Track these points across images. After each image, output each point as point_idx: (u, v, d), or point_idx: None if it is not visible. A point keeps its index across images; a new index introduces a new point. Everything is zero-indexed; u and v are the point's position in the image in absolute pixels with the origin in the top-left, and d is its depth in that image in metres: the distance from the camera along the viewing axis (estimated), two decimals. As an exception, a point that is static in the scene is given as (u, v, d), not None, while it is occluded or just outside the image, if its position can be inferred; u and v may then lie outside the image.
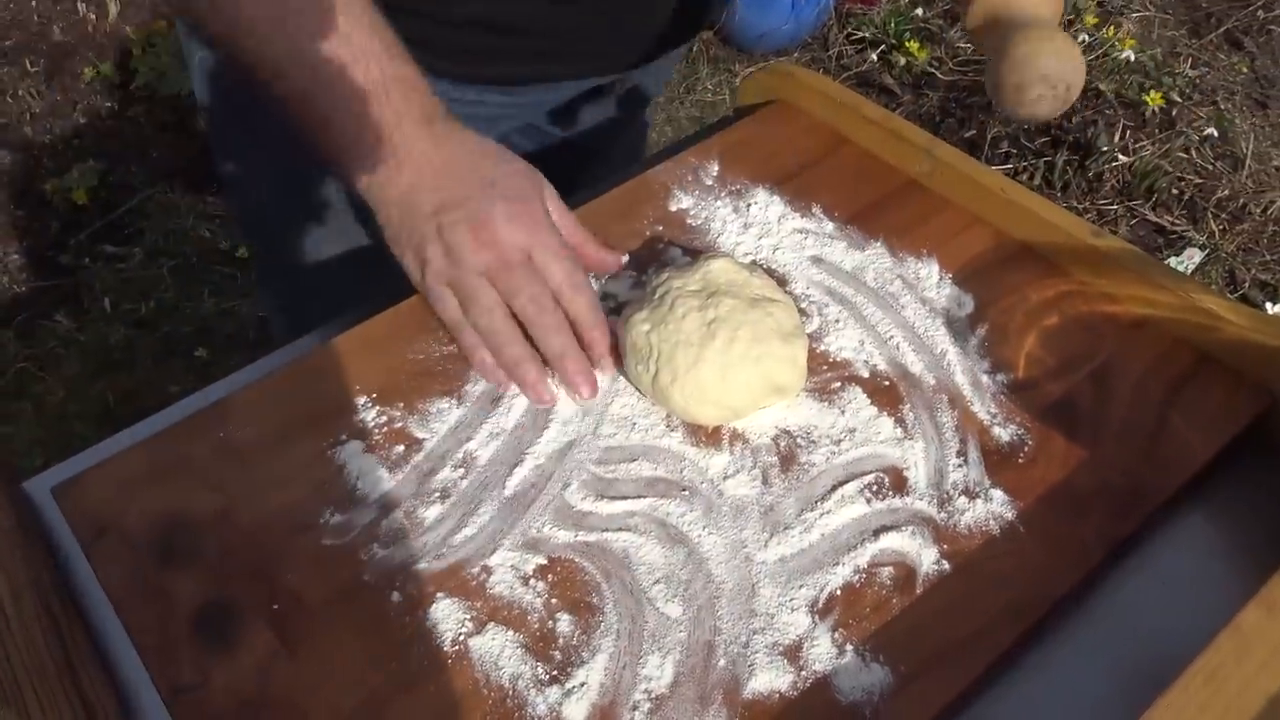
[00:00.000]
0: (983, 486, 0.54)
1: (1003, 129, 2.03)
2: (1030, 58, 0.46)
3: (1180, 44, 2.28)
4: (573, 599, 0.50)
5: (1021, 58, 0.46)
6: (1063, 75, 0.45)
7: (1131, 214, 1.89)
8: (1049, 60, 0.45)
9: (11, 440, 1.65)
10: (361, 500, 0.54)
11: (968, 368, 0.60)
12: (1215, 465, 0.56)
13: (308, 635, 0.49)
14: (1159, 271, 0.61)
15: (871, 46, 2.30)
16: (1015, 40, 0.47)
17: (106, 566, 0.52)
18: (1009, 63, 0.46)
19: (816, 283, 0.65)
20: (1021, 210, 0.66)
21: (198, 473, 0.56)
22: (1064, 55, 0.46)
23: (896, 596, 0.50)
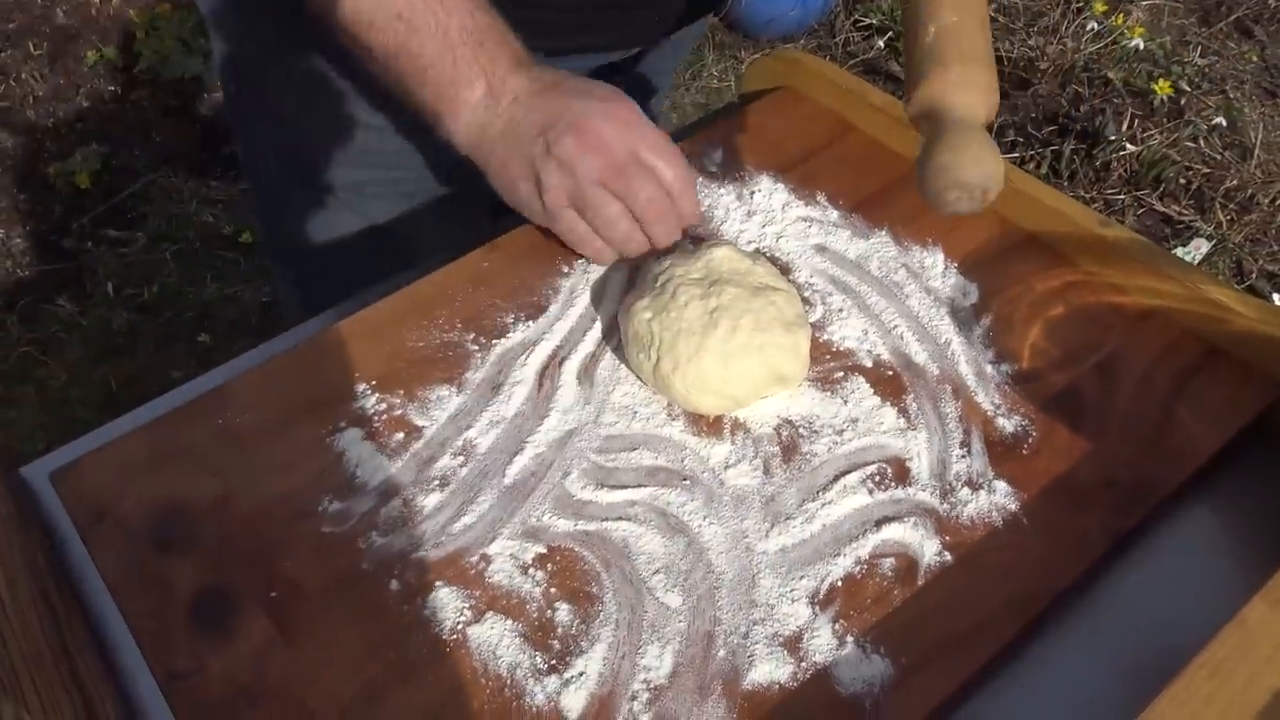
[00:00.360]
0: (986, 478, 0.54)
1: (1009, 117, 2.02)
2: (949, 167, 0.47)
3: (1190, 32, 2.27)
4: (572, 588, 0.50)
5: (941, 165, 0.47)
6: (980, 182, 0.47)
7: (1139, 203, 1.88)
8: (967, 170, 0.47)
9: (14, 425, 1.65)
10: (360, 488, 0.54)
11: (972, 358, 0.60)
12: (1221, 458, 0.56)
13: (305, 623, 0.49)
14: (1167, 262, 0.61)
15: (879, 33, 2.29)
16: (939, 147, 0.48)
17: (104, 552, 0.52)
18: (931, 168, 0.48)
19: (820, 271, 0.64)
20: (1028, 199, 0.65)
21: (197, 459, 0.55)
22: (981, 163, 0.47)
23: (898, 588, 0.50)
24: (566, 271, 0.65)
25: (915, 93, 0.51)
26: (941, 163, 0.48)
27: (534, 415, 0.57)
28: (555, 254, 0.66)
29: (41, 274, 1.90)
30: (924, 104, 0.50)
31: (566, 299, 0.63)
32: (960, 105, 0.49)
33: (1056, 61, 2.04)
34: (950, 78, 0.49)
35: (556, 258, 0.65)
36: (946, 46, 0.50)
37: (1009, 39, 2.12)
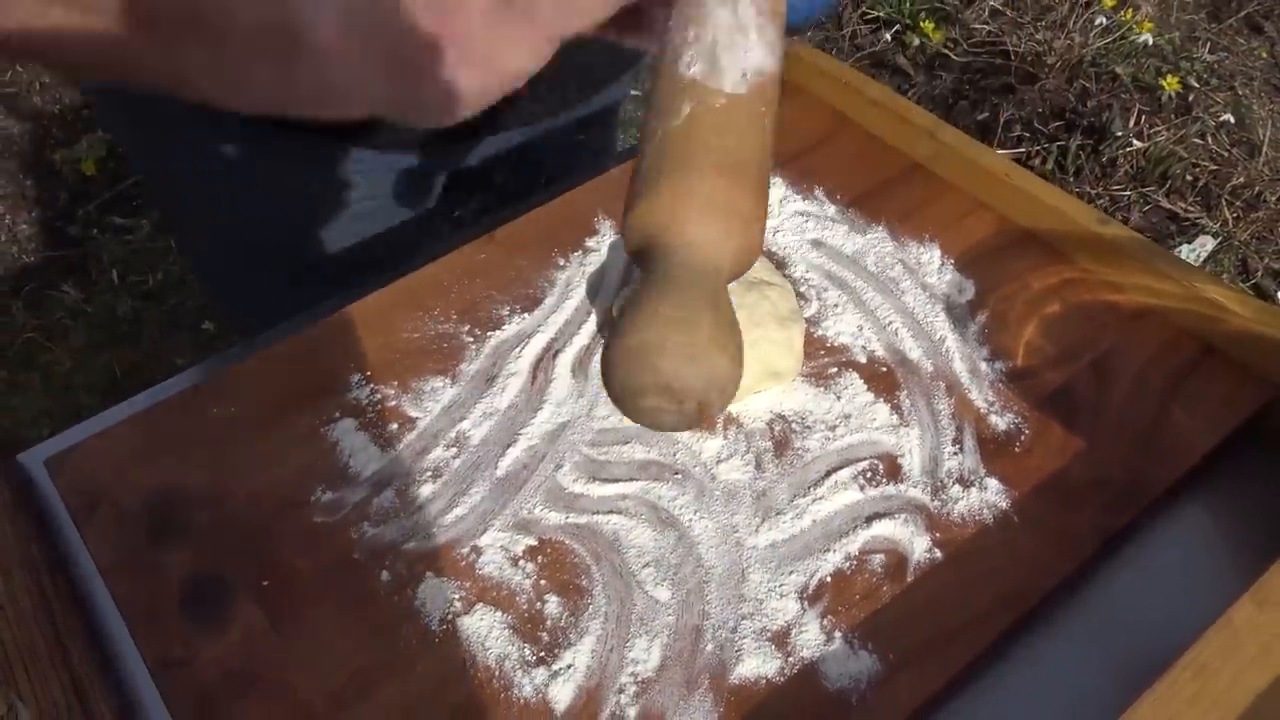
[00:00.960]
0: (977, 475, 0.54)
1: (1016, 112, 2.01)
2: (644, 351, 0.29)
3: (1199, 28, 2.25)
4: (562, 581, 0.50)
5: (638, 348, 0.29)
6: (697, 388, 0.29)
7: (1144, 200, 1.87)
8: (675, 364, 0.28)
9: (18, 410, 1.66)
10: (353, 478, 0.54)
11: (966, 354, 0.59)
12: (1216, 457, 0.56)
13: (296, 612, 0.49)
14: (1165, 260, 0.60)
15: (886, 26, 2.28)
16: (637, 317, 0.30)
17: (98, 540, 0.52)
18: (621, 348, 0.30)
19: (816, 266, 0.64)
20: (1026, 195, 0.65)
21: (191, 448, 0.56)
22: (704, 358, 0.29)
23: (887, 584, 0.50)
24: (562, 264, 0.65)
25: (629, 213, 0.33)
26: (638, 344, 0.29)
27: (527, 408, 0.57)
28: (552, 246, 0.66)
29: (47, 260, 1.91)
30: (639, 235, 0.33)
31: (562, 291, 0.63)
32: (690, 244, 0.32)
33: (1064, 56, 2.03)
34: (679, 192, 0.32)
35: (553, 250, 0.65)
36: (689, 142, 0.33)
37: (1016, 33, 2.11)
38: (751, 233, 0.33)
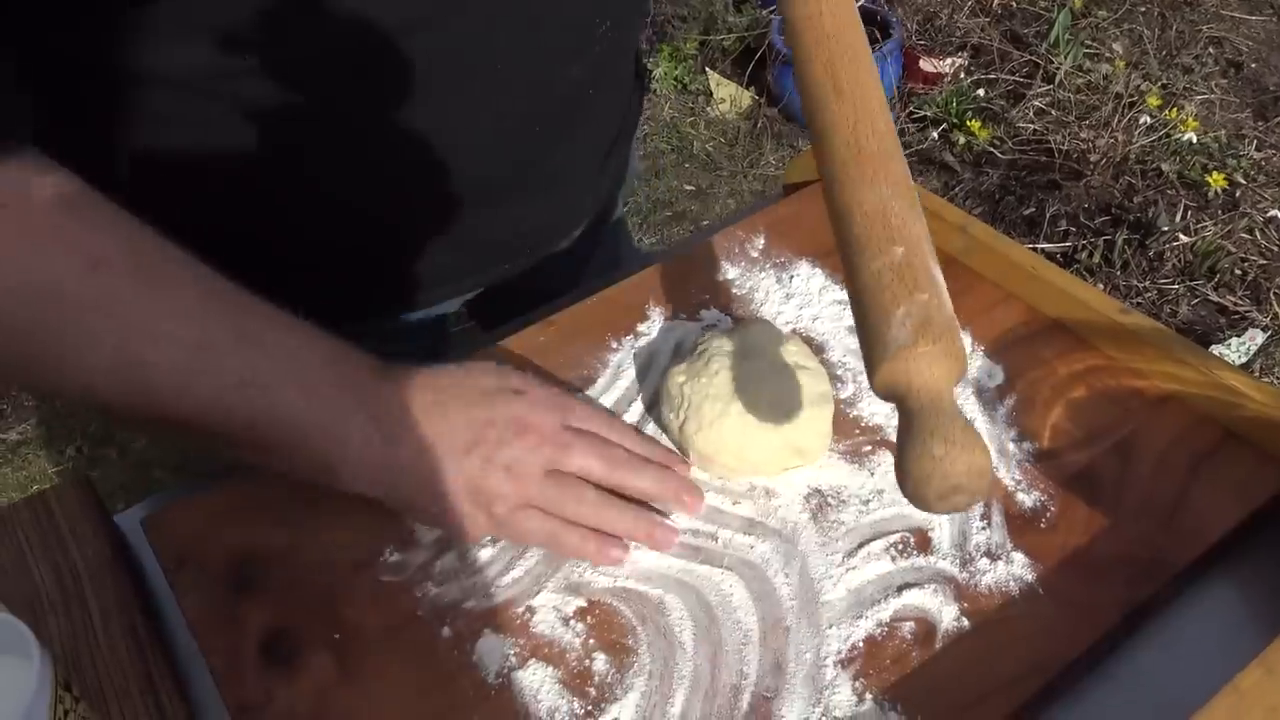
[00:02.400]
0: (1004, 549, 0.57)
1: (1062, 207, 2.05)
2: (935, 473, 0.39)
3: (1245, 125, 2.29)
4: (609, 640, 0.54)
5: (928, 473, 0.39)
6: (972, 480, 0.39)
7: (1193, 293, 1.89)
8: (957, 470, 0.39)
9: (97, 484, 1.73)
10: (419, 541, 0.59)
11: (995, 435, 0.63)
12: (1236, 536, 0.58)
13: (364, 664, 0.54)
14: (1185, 349, 0.64)
15: (933, 125, 2.34)
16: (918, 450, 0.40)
17: (186, 594, 0.57)
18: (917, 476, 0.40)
19: (853, 351, 0.69)
20: (1052, 287, 0.69)
21: (270, 510, 0.61)
22: (968, 458, 0.39)
23: (916, 650, 0.53)
24: (615, 347, 0.70)
25: (877, 372, 0.42)
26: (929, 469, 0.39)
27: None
28: (604, 331, 0.71)
29: (128, 343, 2.01)
30: (887, 392, 0.43)
31: (614, 373, 0.68)
32: (926, 387, 0.41)
33: (1108, 154, 2.08)
34: (918, 351, 0.41)
35: (606, 334, 0.70)
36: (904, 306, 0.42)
37: (1061, 131, 2.16)
38: (959, 352, 0.42)
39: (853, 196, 0.46)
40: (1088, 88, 2.30)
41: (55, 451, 1.82)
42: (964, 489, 0.39)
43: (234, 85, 0.57)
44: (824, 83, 0.49)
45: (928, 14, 2.58)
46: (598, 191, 0.81)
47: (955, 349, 0.42)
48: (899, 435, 0.42)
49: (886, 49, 2.33)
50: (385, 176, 0.65)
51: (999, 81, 2.40)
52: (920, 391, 0.41)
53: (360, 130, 0.62)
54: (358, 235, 0.67)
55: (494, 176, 0.69)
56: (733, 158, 2.44)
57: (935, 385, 0.41)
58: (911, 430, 0.40)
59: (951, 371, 0.42)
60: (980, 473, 0.39)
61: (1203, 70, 2.44)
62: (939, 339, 0.41)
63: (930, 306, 0.42)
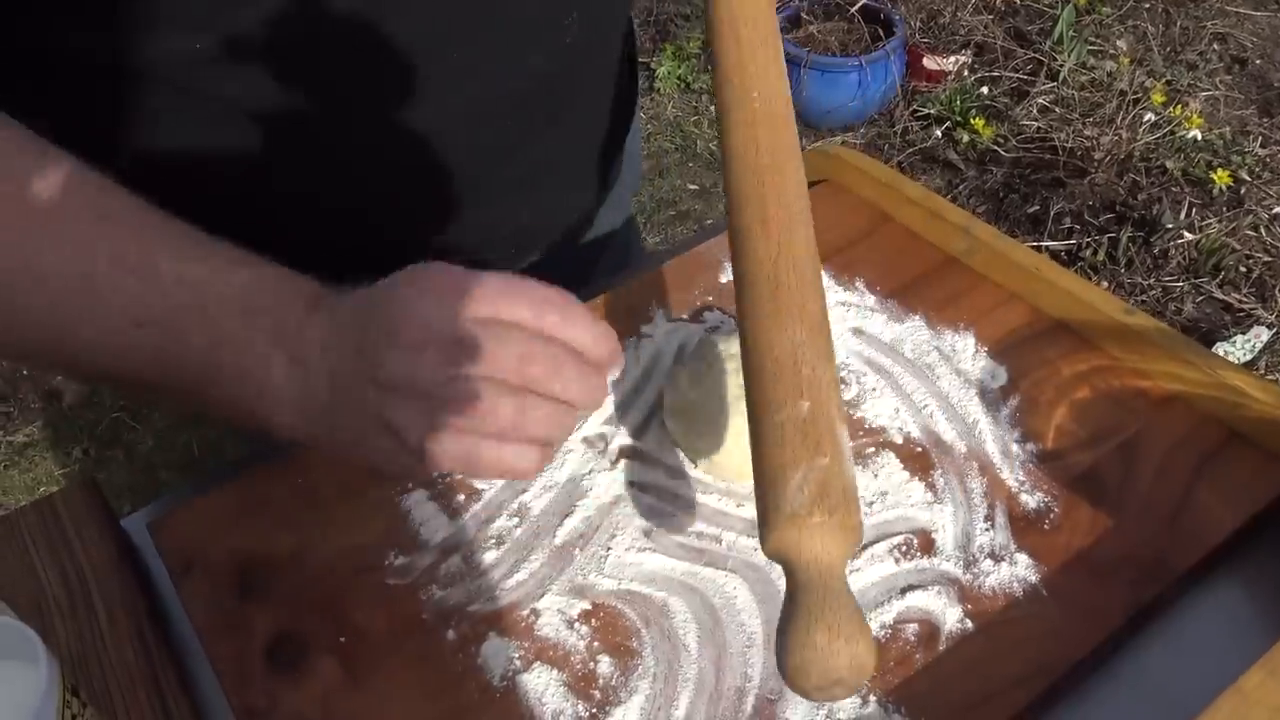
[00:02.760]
0: (1008, 550, 0.57)
1: (1066, 205, 2.04)
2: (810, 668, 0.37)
3: (1250, 122, 2.28)
4: (613, 642, 0.54)
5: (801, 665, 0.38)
6: (850, 674, 0.37)
7: (1197, 291, 1.88)
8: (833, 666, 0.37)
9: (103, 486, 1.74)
10: (424, 544, 0.59)
11: (998, 436, 0.63)
12: (1241, 537, 0.58)
13: (370, 667, 0.54)
14: (1189, 349, 0.64)
15: (937, 123, 2.34)
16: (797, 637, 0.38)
17: (192, 597, 0.57)
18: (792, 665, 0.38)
19: (856, 353, 0.69)
20: (1055, 288, 0.69)
21: (276, 514, 0.61)
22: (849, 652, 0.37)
23: (920, 652, 0.53)
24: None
25: (768, 536, 0.41)
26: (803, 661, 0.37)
27: (584, 481, 0.62)
28: (609, 333, 0.71)
29: (134, 345, 2.02)
30: (779, 552, 0.41)
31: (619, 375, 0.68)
32: (823, 557, 0.40)
33: (1112, 151, 2.07)
34: (812, 521, 0.40)
35: (610, 337, 0.71)
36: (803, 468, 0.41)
37: (1065, 129, 2.16)
38: (855, 525, 0.41)
39: (765, 337, 0.45)
40: (1092, 85, 2.30)
41: (62, 453, 1.83)
42: (844, 683, 0.38)
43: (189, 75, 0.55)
44: (750, 210, 0.49)
45: (931, 11, 2.58)
46: (585, 192, 0.81)
47: (852, 522, 0.40)
48: (784, 606, 0.39)
49: (890, 47, 2.33)
50: (346, 172, 0.64)
51: (1003, 79, 2.40)
52: (810, 565, 0.40)
53: (314, 123, 0.60)
54: (326, 232, 0.64)
55: (462, 172, 0.68)
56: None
57: (826, 559, 0.40)
58: (796, 608, 0.38)
59: (845, 545, 0.40)
60: (862, 669, 0.37)
61: (1207, 67, 2.43)
62: (835, 510, 0.40)
63: (830, 472, 0.41)
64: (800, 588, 0.39)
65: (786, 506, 0.40)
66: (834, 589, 0.39)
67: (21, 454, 1.84)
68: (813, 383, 0.43)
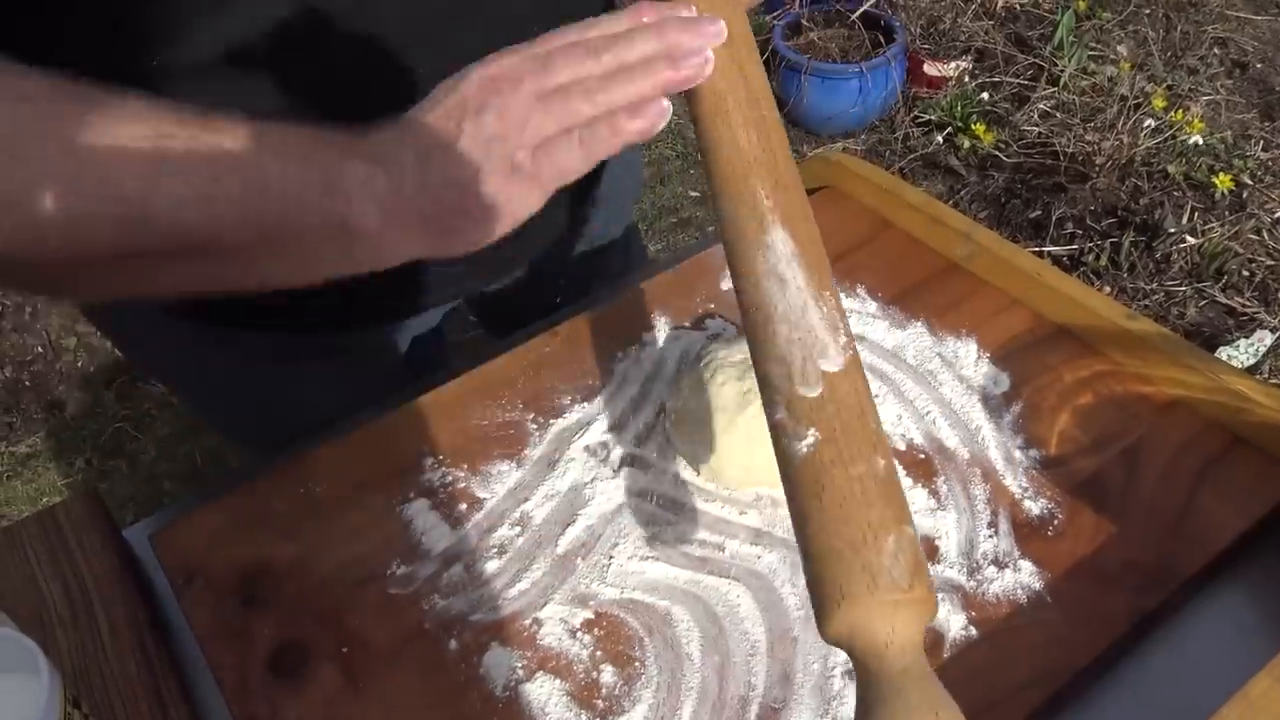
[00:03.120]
0: (1012, 557, 0.57)
1: (1068, 210, 2.04)
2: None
3: (1251, 126, 2.28)
4: (616, 651, 0.54)
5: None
6: None
7: (1200, 295, 1.88)
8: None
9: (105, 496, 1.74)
10: (425, 554, 0.59)
11: (1001, 443, 0.63)
12: (1246, 542, 0.58)
13: (372, 677, 0.54)
14: (1191, 354, 0.63)
15: (938, 129, 2.34)
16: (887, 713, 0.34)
17: (194, 607, 0.57)
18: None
19: (858, 359, 0.68)
20: (1057, 293, 0.69)
21: (278, 524, 0.61)
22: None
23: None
24: (621, 357, 0.70)
25: (852, 607, 0.35)
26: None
27: (586, 489, 0.62)
28: (611, 341, 0.71)
29: (137, 354, 2.02)
30: (865, 631, 0.35)
31: (619, 382, 0.68)
32: (916, 638, 0.35)
33: (1114, 156, 2.07)
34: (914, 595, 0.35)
35: (611, 343, 0.71)
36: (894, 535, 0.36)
37: (1066, 134, 2.16)
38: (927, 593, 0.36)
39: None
40: (1093, 90, 2.30)
41: (65, 464, 1.83)
42: None
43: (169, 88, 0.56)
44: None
45: (931, 18, 2.58)
46: (572, 204, 0.80)
47: (934, 604, 0.36)
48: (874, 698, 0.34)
49: (890, 53, 2.33)
50: None
51: (1003, 84, 2.39)
52: (907, 648, 0.35)
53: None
54: None
55: None
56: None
57: (918, 639, 0.35)
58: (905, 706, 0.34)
59: (925, 626, 0.36)
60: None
61: (1208, 71, 2.43)
62: (931, 586, 0.36)
63: (916, 543, 0.36)
64: (903, 675, 0.34)
65: (884, 577, 0.35)
66: (934, 678, 0.35)
67: (24, 464, 1.84)
68: (882, 439, 0.39)
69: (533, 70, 0.48)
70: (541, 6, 0.64)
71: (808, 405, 0.39)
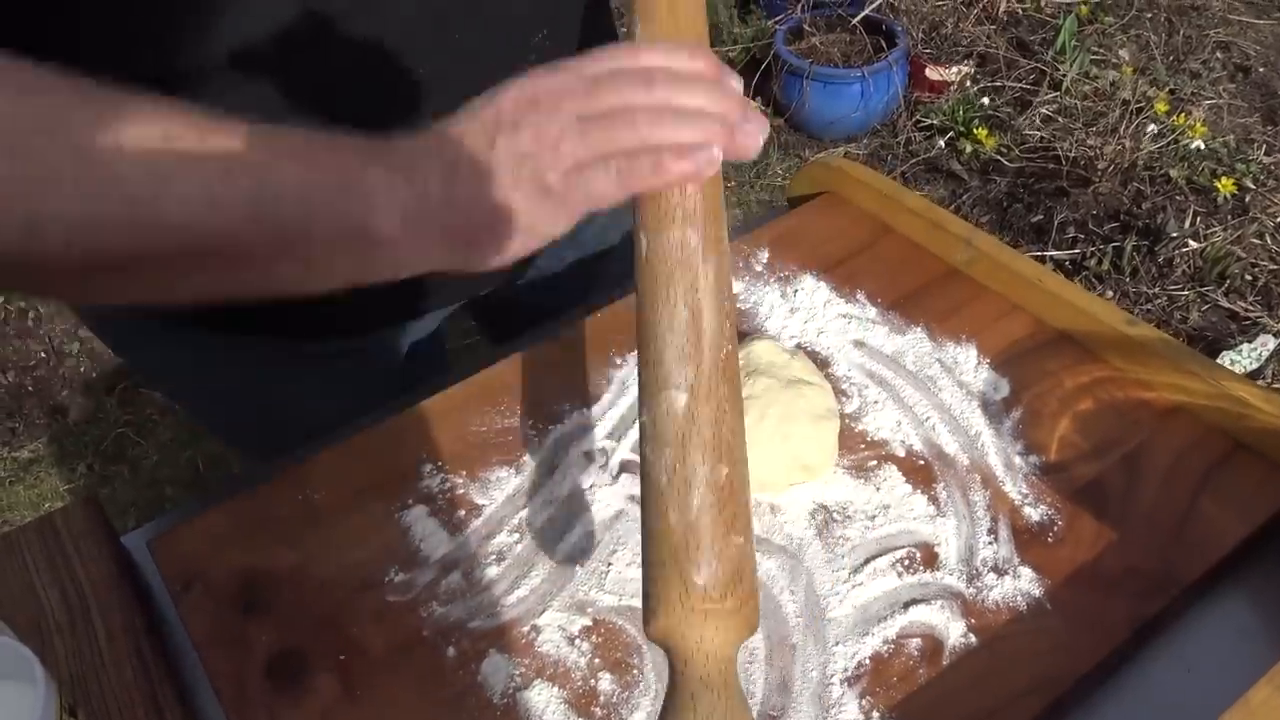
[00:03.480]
0: (1011, 564, 0.56)
1: (1070, 214, 2.04)
2: None
3: (1254, 130, 2.28)
4: (614, 659, 0.54)
5: None
6: None
7: (1203, 299, 1.88)
8: None
9: (107, 502, 1.74)
10: (424, 561, 0.59)
11: (1001, 449, 0.62)
12: (1247, 548, 0.58)
13: (370, 684, 0.53)
14: (1192, 359, 0.63)
15: (940, 133, 2.34)
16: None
17: (192, 614, 0.57)
18: None
19: (857, 365, 0.68)
20: (1058, 299, 0.68)
21: (277, 531, 0.61)
22: None
23: (923, 667, 0.52)
24: (619, 363, 0.70)
25: (664, 614, 0.38)
26: None
27: (585, 496, 0.61)
28: (609, 348, 0.71)
29: (139, 360, 2.02)
30: (673, 635, 0.38)
31: (618, 389, 0.68)
32: (723, 649, 0.37)
33: (1115, 161, 2.07)
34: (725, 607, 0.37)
35: (610, 351, 0.70)
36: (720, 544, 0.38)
37: (1068, 139, 2.15)
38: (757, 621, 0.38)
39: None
40: (1095, 94, 2.30)
41: (67, 469, 1.83)
42: None
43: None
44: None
45: (933, 22, 2.58)
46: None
47: (755, 619, 0.38)
48: (673, 697, 0.36)
49: (892, 58, 2.33)
50: None
51: (1005, 89, 2.39)
52: (710, 657, 0.37)
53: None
54: None
55: None
56: (740, 168, 2.44)
57: (726, 652, 0.37)
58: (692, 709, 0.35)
59: (741, 640, 0.38)
60: None
61: (1210, 75, 2.43)
62: (748, 599, 0.38)
63: (744, 554, 0.38)
64: (699, 683, 0.36)
65: (696, 587, 0.37)
66: (735, 689, 0.36)
67: (27, 470, 1.84)
68: (733, 448, 0.41)
69: (576, 91, 0.46)
70: (541, 6, 0.64)
71: (663, 415, 0.42)
